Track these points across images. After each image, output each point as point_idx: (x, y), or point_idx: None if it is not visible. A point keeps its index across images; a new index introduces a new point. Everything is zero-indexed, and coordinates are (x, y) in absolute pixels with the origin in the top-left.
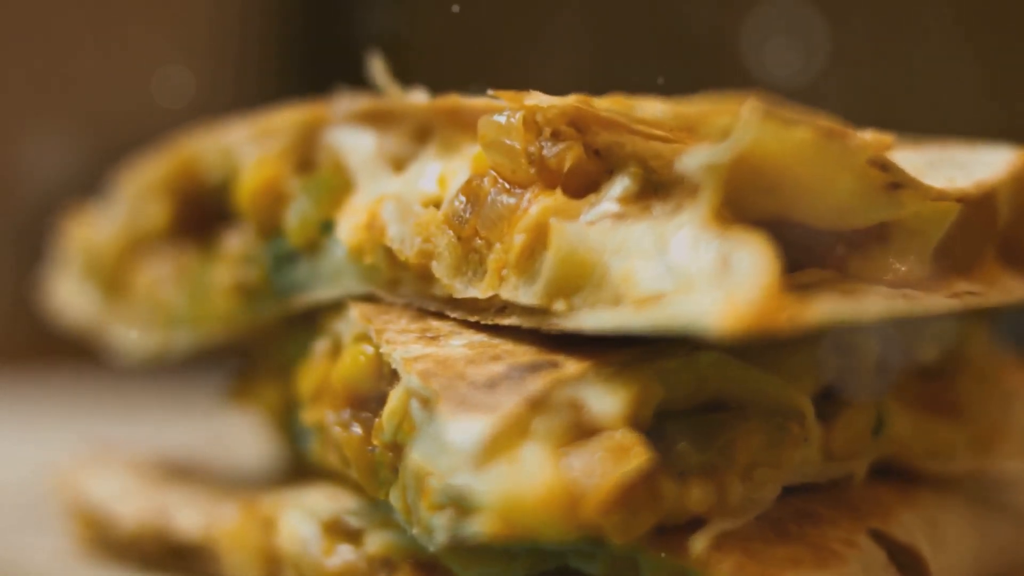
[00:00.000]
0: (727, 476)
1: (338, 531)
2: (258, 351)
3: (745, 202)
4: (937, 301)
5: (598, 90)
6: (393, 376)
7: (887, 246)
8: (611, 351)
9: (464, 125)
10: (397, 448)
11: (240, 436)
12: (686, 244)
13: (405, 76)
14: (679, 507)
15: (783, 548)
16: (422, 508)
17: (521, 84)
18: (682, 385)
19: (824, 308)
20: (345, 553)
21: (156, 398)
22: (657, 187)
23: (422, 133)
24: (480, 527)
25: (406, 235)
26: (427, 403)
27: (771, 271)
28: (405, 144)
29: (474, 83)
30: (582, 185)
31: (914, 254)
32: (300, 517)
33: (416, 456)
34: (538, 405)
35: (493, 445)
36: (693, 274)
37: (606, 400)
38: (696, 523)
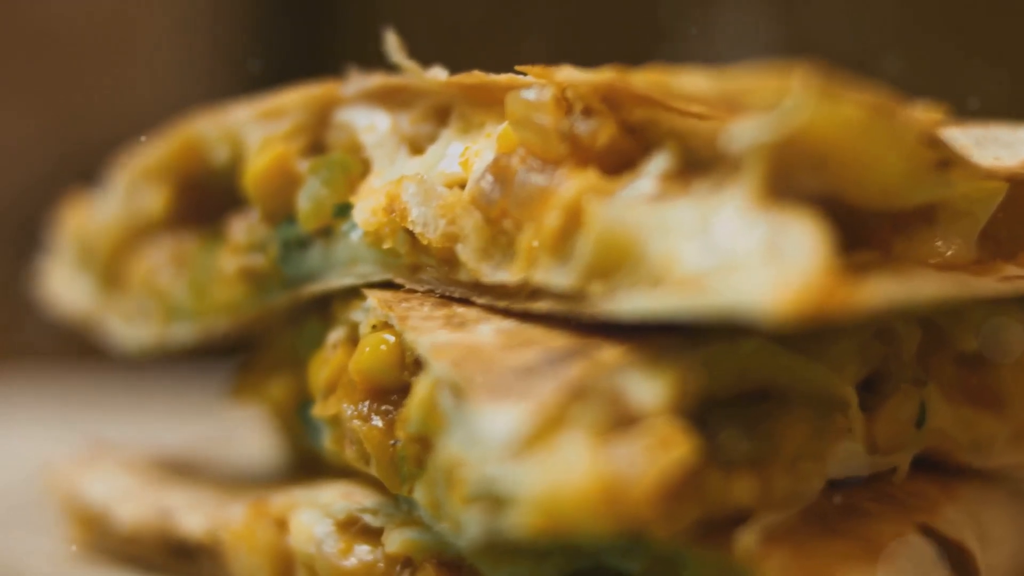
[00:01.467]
0: (772, 468)
1: (355, 530)
2: (261, 344)
3: (789, 179)
4: (987, 285)
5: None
6: (416, 366)
7: (933, 228)
8: (647, 338)
9: (485, 103)
10: (423, 440)
11: (239, 434)
12: (731, 223)
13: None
14: (722, 500)
15: (832, 543)
16: (452, 502)
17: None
18: (723, 373)
19: (879, 290)
20: (362, 553)
21: (152, 397)
22: (696, 164)
23: (440, 113)
24: (517, 521)
25: (429, 217)
26: (459, 391)
27: (825, 251)
28: (422, 124)
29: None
30: (616, 162)
31: (961, 236)
32: (313, 516)
33: (448, 447)
34: (578, 392)
35: (532, 434)
36: (740, 254)
37: (647, 388)
38: (737, 519)
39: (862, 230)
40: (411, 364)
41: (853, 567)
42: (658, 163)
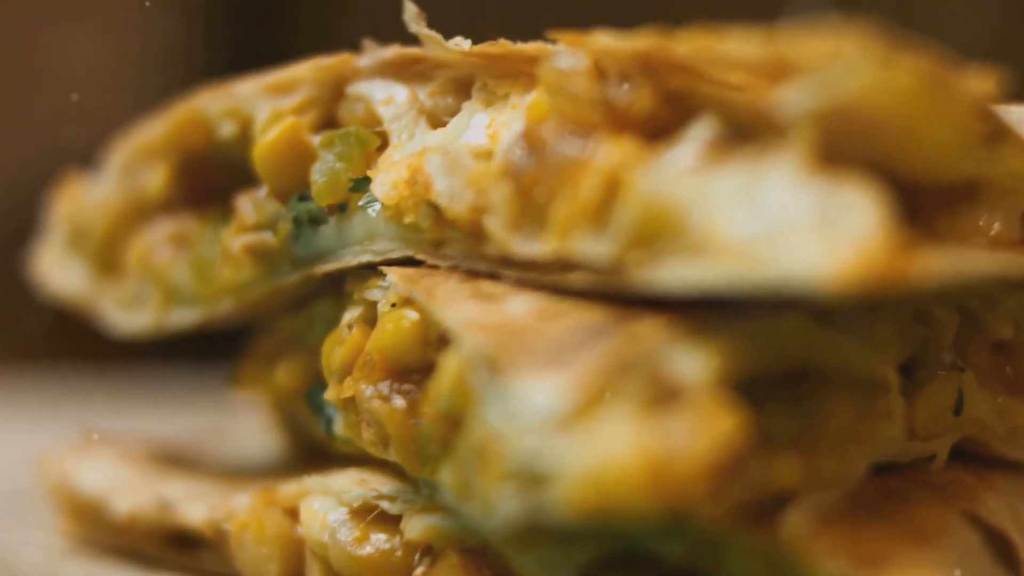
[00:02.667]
0: (817, 448)
1: (370, 518)
2: (262, 330)
3: (837, 146)
4: None
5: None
6: (441, 342)
7: (976, 205)
8: (685, 310)
9: (510, 74)
10: (451, 419)
11: (233, 425)
12: (779, 190)
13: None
14: (766, 481)
15: (878, 526)
16: (484, 481)
17: None
18: (764, 350)
19: (939, 262)
20: (379, 541)
21: (145, 387)
22: (738, 130)
23: (460, 85)
24: (559, 499)
25: (456, 189)
26: (495, 365)
27: (882, 219)
28: (442, 97)
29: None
30: (652, 129)
31: (1004, 215)
32: (326, 503)
33: (482, 423)
34: (622, 364)
35: (575, 408)
36: (789, 222)
37: (691, 360)
38: (779, 501)
39: (906, 202)
40: (435, 341)
41: (903, 550)
42: (698, 130)
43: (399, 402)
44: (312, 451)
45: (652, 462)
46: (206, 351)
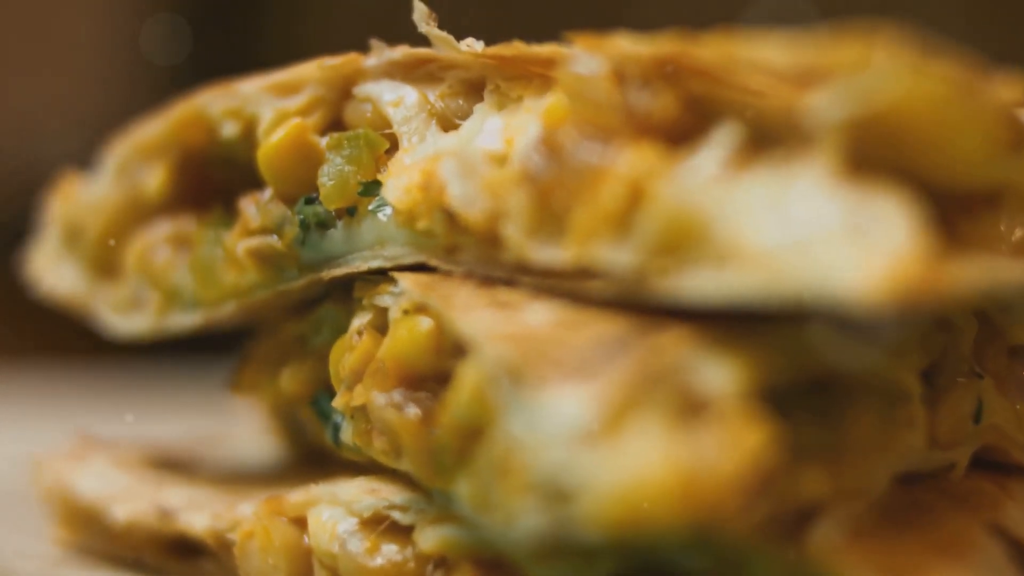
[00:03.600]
0: (843, 459)
1: (381, 528)
2: (262, 335)
3: (862, 153)
4: None
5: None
6: (457, 350)
7: (998, 210)
8: (707, 320)
9: (523, 77)
10: (470, 428)
11: (229, 431)
12: (808, 199)
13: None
14: (792, 494)
15: (906, 540)
16: (505, 494)
17: None
18: (787, 360)
19: (974, 273)
20: (391, 552)
21: (138, 392)
22: (762, 136)
23: (471, 87)
24: (586, 514)
25: (471, 195)
26: (518, 374)
27: (917, 228)
28: (452, 99)
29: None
30: (673, 134)
31: None
32: (335, 513)
33: (504, 434)
34: (648, 376)
35: (604, 420)
36: (819, 232)
37: (718, 371)
38: (803, 515)
39: (932, 209)
40: (450, 348)
41: (934, 564)
42: (721, 137)
43: (413, 411)
44: (313, 457)
45: (682, 477)
46: (201, 353)
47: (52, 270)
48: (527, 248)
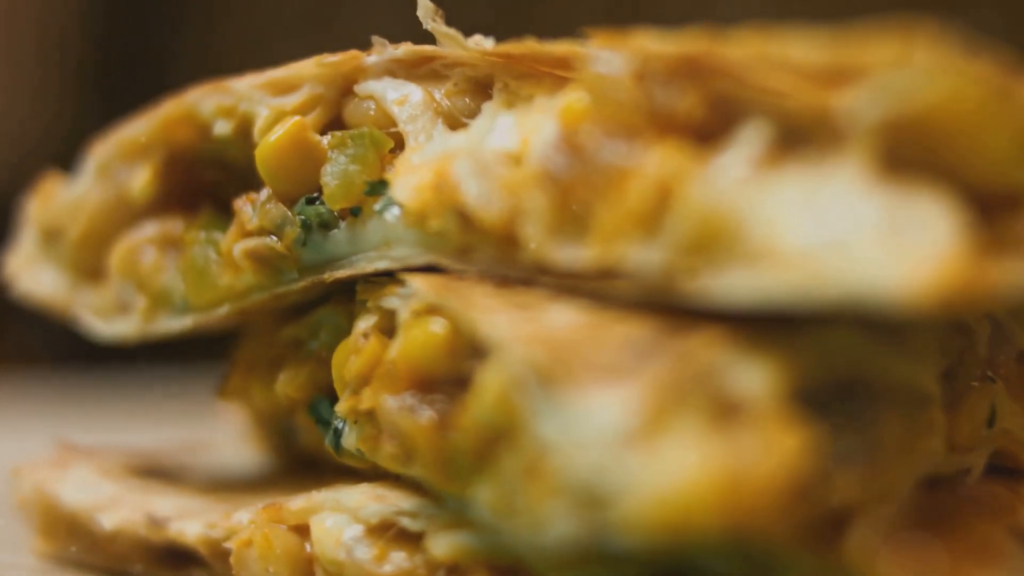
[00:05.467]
0: (872, 463)
1: (389, 535)
2: (251, 339)
3: (896, 152)
4: None
5: None
6: (473, 352)
7: (1019, 213)
8: (735, 322)
9: (533, 75)
10: (491, 432)
11: (209, 439)
12: (844, 198)
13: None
14: (825, 498)
15: (937, 544)
16: (533, 497)
17: None
18: (816, 364)
19: (1017, 272)
20: (399, 559)
21: (114, 401)
22: (792, 135)
23: (478, 85)
24: (625, 519)
25: (487, 195)
26: (549, 377)
27: (958, 227)
28: (459, 98)
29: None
30: (699, 133)
31: None
32: (339, 520)
33: (534, 437)
34: (684, 378)
35: (643, 422)
36: (856, 232)
37: (752, 374)
38: (835, 519)
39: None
40: (466, 351)
41: (968, 569)
42: (749, 136)
43: (428, 414)
44: (300, 464)
45: (723, 480)
46: (176, 361)
47: (29, 272)
48: (547, 248)
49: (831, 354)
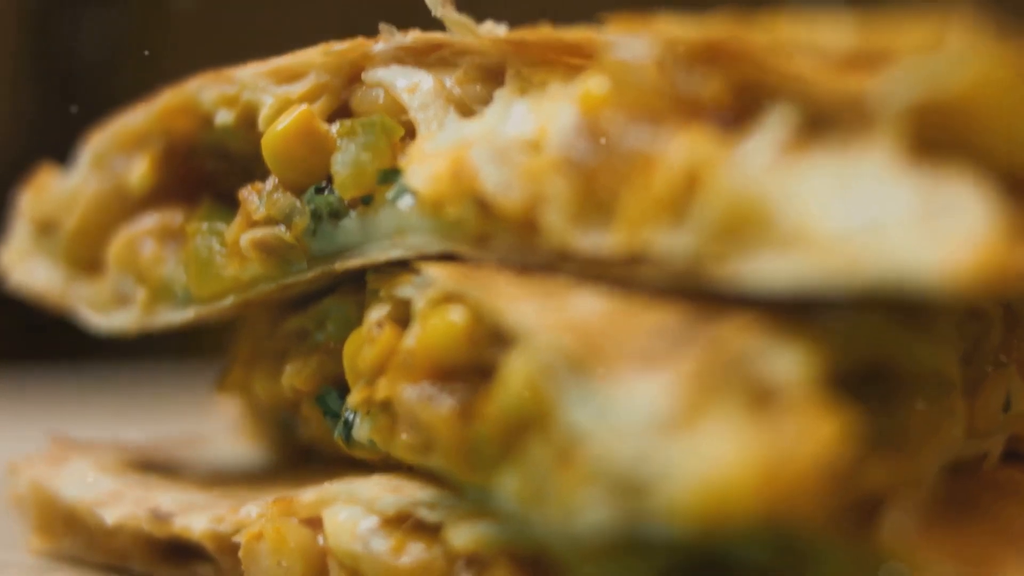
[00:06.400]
0: (901, 449)
1: (406, 526)
2: (250, 333)
3: (926, 136)
4: None
5: None
6: (495, 340)
7: None
8: (762, 308)
9: (547, 62)
10: (518, 420)
11: (203, 431)
12: (876, 182)
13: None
14: (858, 484)
15: (969, 529)
16: (565, 485)
17: None
18: (845, 349)
19: None
20: (418, 550)
21: (105, 398)
22: (819, 120)
23: (489, 72)
24: (664, 504)
25: (508, 182)
26: (582, 365)
27: (992, 210)
28: (470, 85)
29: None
30: (725, 118)
31: None
32: (354, 513)
33: (565, 425)
34: (720, 364)
35: (682, 408)
36: (891, 216)
37: (786, 359)
38: (868, 506)
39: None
40: (487, 339)
41: (1005, 552)
42: (775, 120)
43: (449, 404)
44: (301, 458)
45: (763, 466)
46: (165, 359)
47: (23, 264)
48: (570, 235)
49: (857, 340)
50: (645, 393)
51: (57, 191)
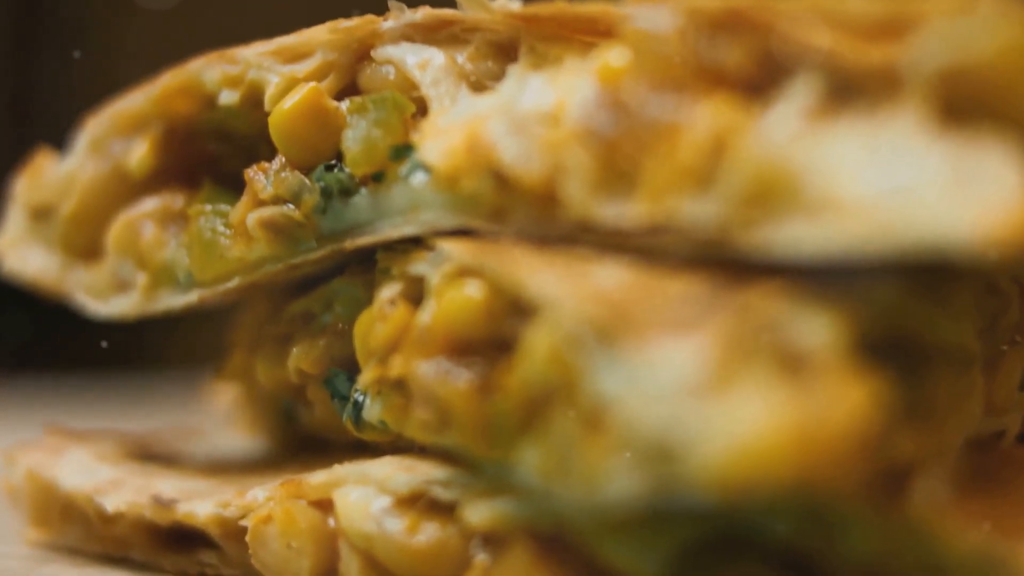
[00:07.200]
0: (928, 420)
1: (419, 505)
2: (257, 318)
3: (953, 101)
4: None
5: None
6: (514, 313)
7: None
8: (787, 275)
9: (561, 37)
10: (542, 392)
11: (197, 422)
12: (906, 148)
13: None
14: (889, 453)
15: (996, 500)
16: (591, 455)
17: None
18: (871, 319)
19: None
20: (433, 529)
21: (111, 396)
22: (845, 86)
23: (500, 48)
24: (697, 470)
25: (526, 155)
26: (608, 333)
27: None
28: (482, 61)
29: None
30: (749, 86)
31: None
32: (365, 493)
33: (597, 393)
34: (749, 330)
35: (714, 373)
36: (922, 181)
37: (815, 326)
38: (896, 476)
39: None
40: (505, 312)
41: None
42: (800, 88)
43: (467, 378)
44: (301, 445)
45: (796, 431)
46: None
47: (17, 251)
48: (592, 205)
49: (882, 310)
50: (677, 358)
51: (53, 176)
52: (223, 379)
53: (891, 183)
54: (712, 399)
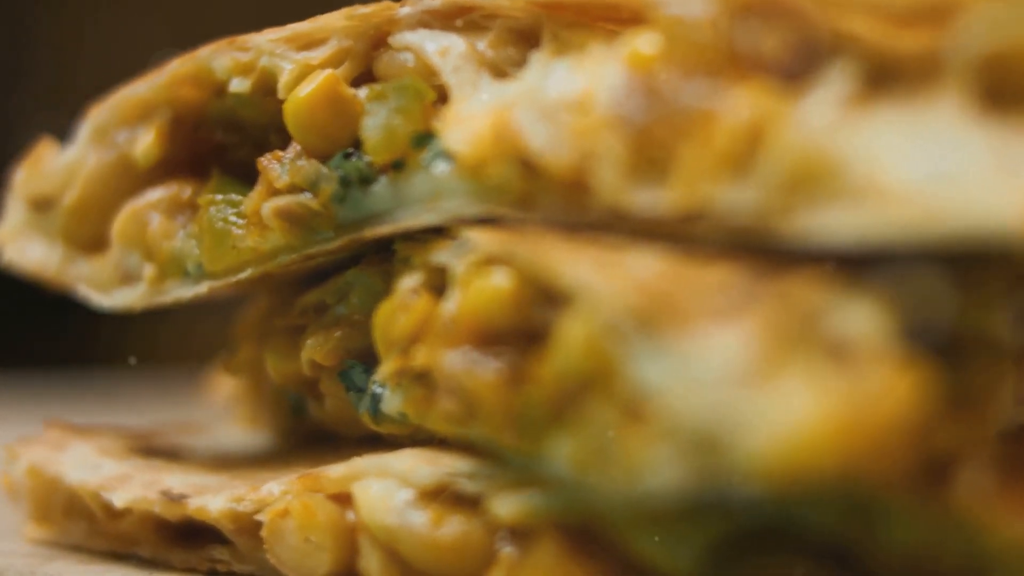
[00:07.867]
0: (969, 410)
1: (443, 498)
2: (266, 310)
3: (995, 87)
4: None
5: None
6: (544, 301)
7: None
8: (823, 265)
9: (583, 24)
10: (577, 382)
11: (198, 417)
12: (948, 135)
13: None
14: (928, 444)
15: None
16: (631, 445)
17: None
18: (906, 307)
19: None
20: (458, 522)
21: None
22: (884, 73)
23: (521, 35)
24: (745, 459)
25: (557, 142)
26: (649, 322)
27: None
28: (503, 48)
29: None
30: (784, 72)
31: None
32: (387, 486)
33: (637, 382)
34: (793, 319)
35: (760, 361)
36: (966, 168)
37: (858, 314)
38: (938, 466)
39: None
40: (535, 301)
41: None
42: (837, 74)
43: (496, 369)
44: (309, 439)
45: (844, 420)
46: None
47: (16, 243)
48: (624, 192)
49: (922, 298)
50: (722, 347)
51: (54, 166)
52: (228, 372)
53: (934, 170)
54: (759, 388)
